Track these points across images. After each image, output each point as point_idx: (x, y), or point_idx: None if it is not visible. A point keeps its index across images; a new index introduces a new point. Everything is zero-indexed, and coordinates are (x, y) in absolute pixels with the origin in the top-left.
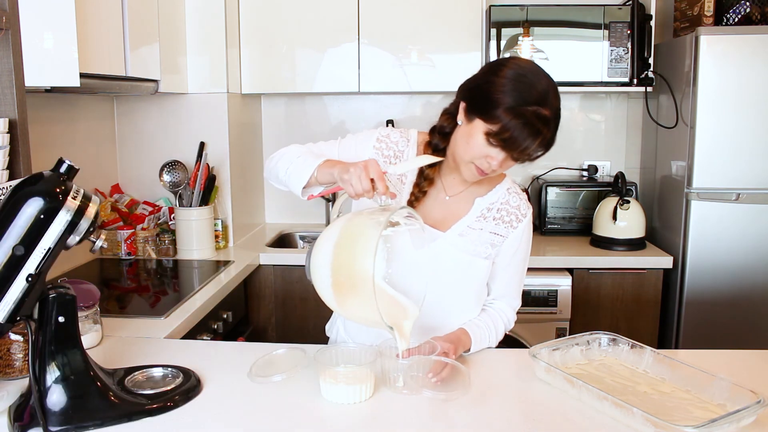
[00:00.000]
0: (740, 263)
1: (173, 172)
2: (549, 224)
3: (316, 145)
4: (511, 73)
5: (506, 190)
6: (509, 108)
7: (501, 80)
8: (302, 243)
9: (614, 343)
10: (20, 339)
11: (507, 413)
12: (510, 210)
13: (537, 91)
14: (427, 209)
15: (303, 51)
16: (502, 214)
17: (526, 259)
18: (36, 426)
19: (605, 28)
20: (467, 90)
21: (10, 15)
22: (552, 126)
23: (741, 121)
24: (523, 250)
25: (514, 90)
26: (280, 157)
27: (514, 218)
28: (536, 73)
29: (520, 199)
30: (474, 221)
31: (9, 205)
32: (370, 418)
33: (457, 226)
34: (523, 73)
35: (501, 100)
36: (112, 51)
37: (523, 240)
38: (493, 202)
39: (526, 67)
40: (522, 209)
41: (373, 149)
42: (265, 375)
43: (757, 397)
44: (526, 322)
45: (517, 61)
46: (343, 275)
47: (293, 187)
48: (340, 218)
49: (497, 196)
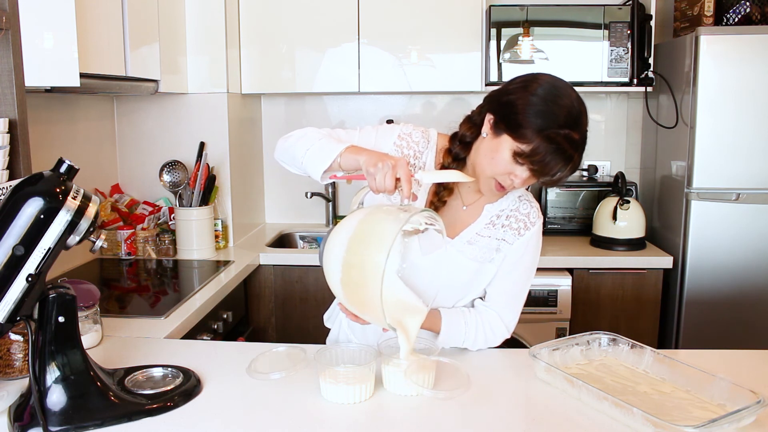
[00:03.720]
0: (740, 263)
1: (173, 172)
2: (549, 224)
3: (335, 131)
4: (543, 91)
5: (517, 197)
6: (541, 130)
7: (533, 98)
8: (302, 243)
9: (614, 343)
10: (20, 339)
11: (507, 413)
12: (519, 217)
13: (569, 114)
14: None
15: (303, 51)
16: (511, 221)
17: (529, 274)
18: (36, 426)
19: (605, 28)
20: (497, 103)
21: (10, 15)
22: (581, 149)
23: (741, 121)
24: (527, 260)
25: (547, 111)
26: (299, 137)
27: (522, 226)
28: (568, 94)
29: (531, 207)
30: (483, 228)
31: (9, 205)
32: (371, 419)
33: (465, 233)
34: (556, 93)
35: (533, 121)
36: (112, 51)
37: (528, 249)
38: (503, 209)
39: (559, 86)
40: (531, 217)
41: (393, 146)
42: (263, 372)
43: (757, 397)
44: (526, 322)
45: (549, 79)
46: (354, 268)
47: (313, 167)
48: (359, 210)
49: (507, 202)
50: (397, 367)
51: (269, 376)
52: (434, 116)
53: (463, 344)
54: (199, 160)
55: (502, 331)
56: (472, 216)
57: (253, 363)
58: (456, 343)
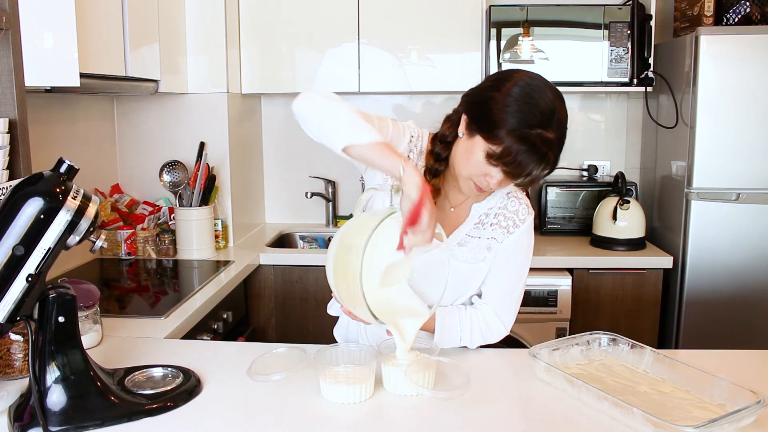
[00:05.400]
0: (740, 263)
1: (173, 172)
2: (549, 224)
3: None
4: (516, 90)
5: (506, 194)
6: (512, 130)
7: (505, 98)
8: (302, 243)
9: (614, 343)
10: (20, 339)
11: (507, 413)
12: (508, 215)
13: (542, 113)
14: None
15: (303, 51)
16: (500, 220)
17: (522, 271)
18: (36, 426)
19: (605, 28)
20: (471, 102)
21: (10, 15)
22: (556, 147)
23: (741, 121)
24: (519, 258)
25: (518, 111)
26: (329, 100)
27: (512, 224)
28: (542, 91)
29: (519, 204)
30: (472, 229)
31: (9, 205)
32: (370, 418)
33: (455, 234)
34: (528, 91)
35: (504, 121)
36: (112, 51)
37: (519, 246)
38: (491, 207)
39: (532, 84)
40: (521, 214)
41: (408, 145)
42: (264, 373)
43: (757, 397)
44: (526, 322)
45: (523, 76)
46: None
47: (336, 138)
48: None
49: (495, 200)
50: (397, 367)
51: (270, 378)
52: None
53: (461, 342)
54: (199, 160)
55: (498, 328)
56: (460, 217)
57: (253, 365)
58: (453, 342)
